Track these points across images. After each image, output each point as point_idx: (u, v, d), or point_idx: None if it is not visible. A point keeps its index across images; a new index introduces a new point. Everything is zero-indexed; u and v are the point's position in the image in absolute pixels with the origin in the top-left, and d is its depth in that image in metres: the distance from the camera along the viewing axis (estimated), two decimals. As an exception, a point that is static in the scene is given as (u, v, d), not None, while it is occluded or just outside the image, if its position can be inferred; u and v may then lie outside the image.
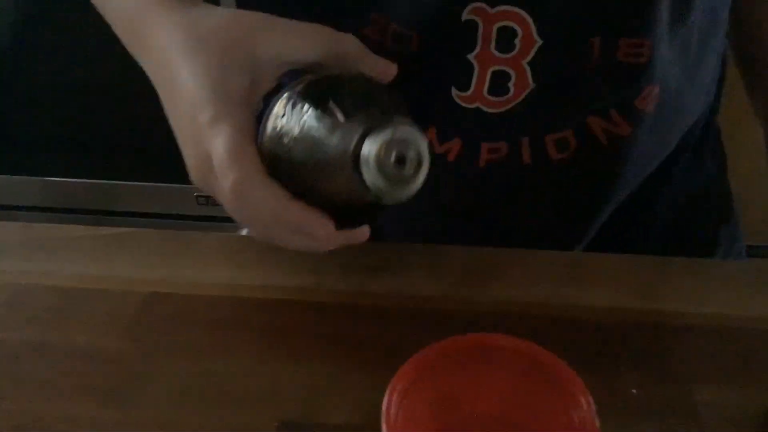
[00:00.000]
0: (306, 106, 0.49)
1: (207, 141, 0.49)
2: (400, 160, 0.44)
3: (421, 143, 0.45)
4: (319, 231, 0.50)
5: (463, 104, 0.61)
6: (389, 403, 0.45)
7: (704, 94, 0.71)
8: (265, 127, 0.51)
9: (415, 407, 0.46)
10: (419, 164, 0.45)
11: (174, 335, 0.58)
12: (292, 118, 0.49)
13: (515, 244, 0.64)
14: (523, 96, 0.61)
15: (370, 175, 0.44)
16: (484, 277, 0.61)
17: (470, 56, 0.59)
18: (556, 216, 0.70)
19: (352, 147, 0.45)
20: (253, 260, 0.63)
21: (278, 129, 0.50)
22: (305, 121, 0.48)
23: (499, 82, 0.60)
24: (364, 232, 0.52)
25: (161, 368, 0.55)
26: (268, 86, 0.53)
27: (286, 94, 0.50)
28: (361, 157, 0.44)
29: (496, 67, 0.59)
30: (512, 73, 0.59)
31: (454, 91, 0.61)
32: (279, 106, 0.50)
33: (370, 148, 0.44)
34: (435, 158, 0.62)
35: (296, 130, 0.49)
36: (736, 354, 0.56)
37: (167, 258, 0.63)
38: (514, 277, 0.61)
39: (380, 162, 0.44)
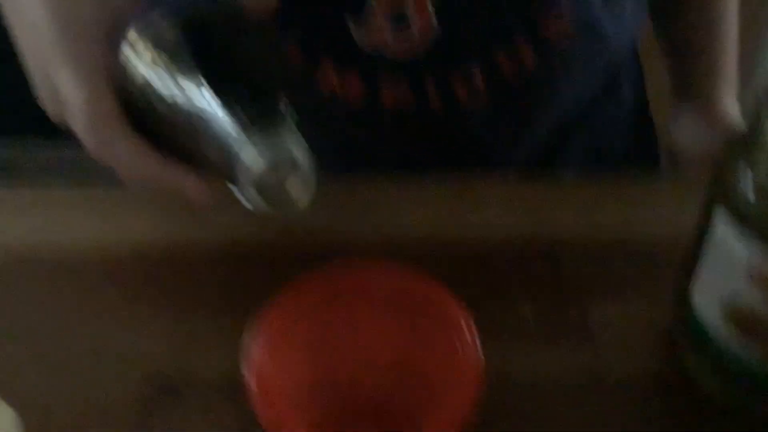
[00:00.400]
0: (169, 63, 0.43)
1: (60, 82, 0.44)
2: (283, 185, 0.40)
3: (305, 164, 0.40)
4: (189, 191, 0.45)
5: (361, 40, 0.57)
6: (253, 346, 0.41)
7: (626, 26, 0.66)
8: (125, 70, 0.45)
9: (285, 351, 0.42)
10: (304, 187, 0.41)
11: (45, 300, 0.53)
12: (155, 70, 0.43)
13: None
14: (423, 27, 0.56)
15: (246, 191, 0.40)
16: (365, 206, 0.57)
17: None
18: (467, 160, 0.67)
19: (226, 154, 0.40)
20: (120, 213, 0.57)
21: (138, 78, 0.43)
22: (169, 84, 0.42)
23: (398, 13, 0.56)
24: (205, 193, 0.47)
25: (14, 330, 0.50)
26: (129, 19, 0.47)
27: (149, 34, 0.44)
28: (238, 169, 0.40)
29: None
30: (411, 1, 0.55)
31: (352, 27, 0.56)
32: (141, 49, 0.44)
33: (248, 165, 0.39)
34: (335, 102, 0.57)
35: (159, 87, 0.43)
36: (633, 273, 0.54)
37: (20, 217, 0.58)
38: (399, 206, 0.58)
39: (260, 184, 0.39)
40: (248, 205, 0.41)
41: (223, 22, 0.45)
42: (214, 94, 0.41)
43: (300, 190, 0.41)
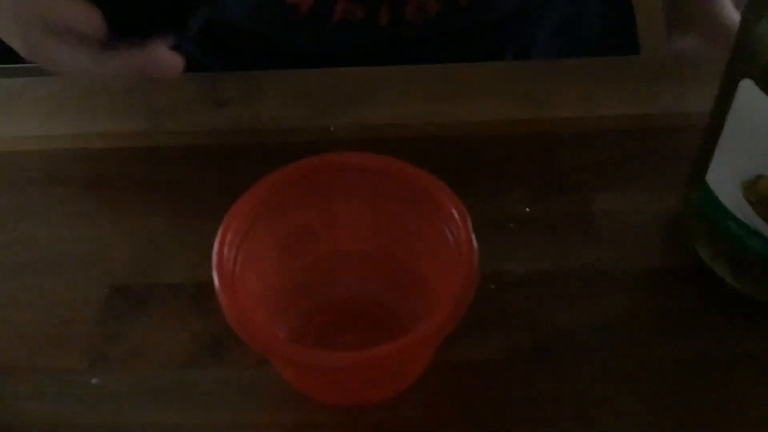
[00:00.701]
0: None
1: None
2: None
3: None
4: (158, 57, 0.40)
5: None
6: (221, 246, 0.36)
7: None
8: None
9: (257, 251, 0.38)
10: None
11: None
12: None
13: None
14: None
15: None
16: (349, 99, 0.52)
17: None
18: None
19: None
20: (66, 105, 0.52)
21: None
22: None
23: None
24: (174, 59, 0.41)
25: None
26: None
27: None
28: None
29: None
30: None
31: None
32: None
33: None
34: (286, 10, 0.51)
35: None
36: (635, 157, 0.49)
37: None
38: (385, 96, 0.52)
39: None
40: None
41: None
42: None
43: None
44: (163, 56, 0.41)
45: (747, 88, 0.36)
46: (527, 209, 0.47)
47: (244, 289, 0.36)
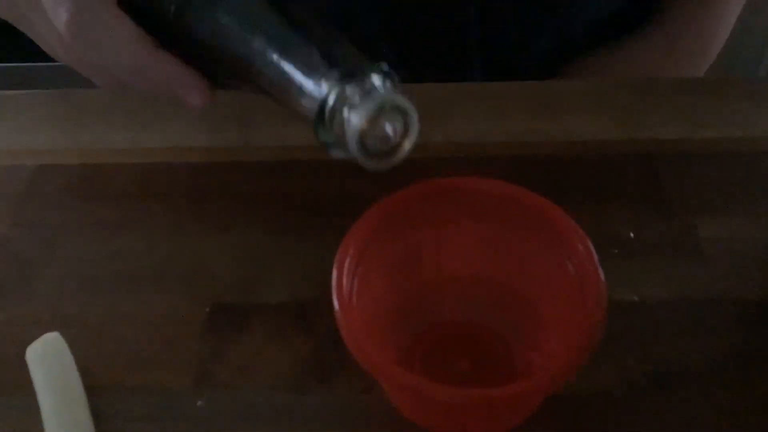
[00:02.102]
0: None
1: None
2: (384, 138, 0.33)
3: (410, 107, 0.33)
4: (192, 98, 0.39)
5: None
6: (340, 272, 0.35)
7: None
8: None
9: (370, 276, 0.37)
10: (408, 136, 0.34)
11: (70, 212, 0.47)
12: None
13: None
14: None
15: (333, 139, 0.33)
16: (439, 115, 0.51)
17: None
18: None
19: (314, 95, 0.33)
20: (157, 118, 0.51)
21: None
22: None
23: None
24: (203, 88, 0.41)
25: (56, 253, 0.45)
26: None
27: None
28: (326, 113, 0.33)
29: None
30: None
31: None
32: None
33: (348, 114, 0.32)
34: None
35: None
36: (742, 181, 0.48)
37: (56, 122, 0.51)
38: (476, 113, 0.51)
39: (359, 136, 0.32)
40: (335, 154, 0.35)
41: None
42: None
43: (404, 138, 0.34)
44: (196, 82, 0.40)
45: None
46: (631, 234, 0.45)
47: (359, 314, 0.35)
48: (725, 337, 0.41)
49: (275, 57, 0.35)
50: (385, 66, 0.33)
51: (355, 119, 0.32)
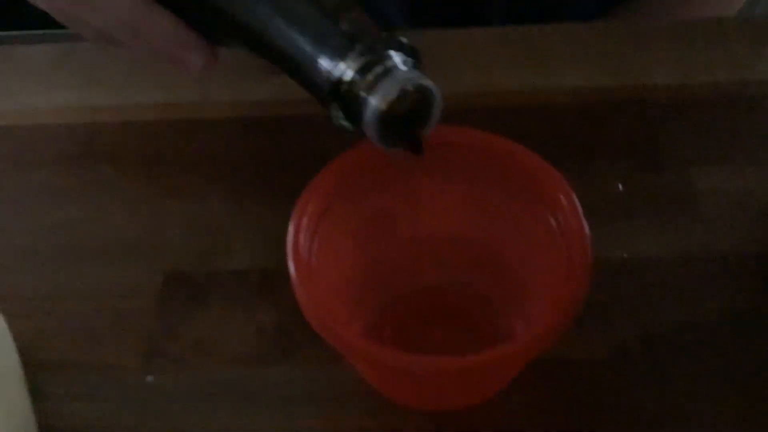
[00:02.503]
0: None
1: None
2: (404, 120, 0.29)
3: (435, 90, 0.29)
4: (193, 60, 0.35)
5: None
6: (297, 232, 0.32)
7: None
8: None
9: (334, 236, 0.34)
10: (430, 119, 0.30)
11: (8, 179, 0.43)
12: None
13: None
14: None
15: (347, 119, 0.30)
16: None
17: None
18: None
19: (328, 71, 0.29)
20: (107, 73, 0.47)
21: None
22: None
23: None
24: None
25: (-2, 224, 0.41)
26: None
27: None
28: (341, 92, 0.29)
29: None
30: None
31: None
32: None
33: (366, 96, 0.29)
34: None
35: None
36: (740, 128, 0.44)
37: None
38: (453, 62, 0.47)
39: (378, 119, 0.29)
40: (345, 129, 0.31)
41: None
42: None
43: (426, 119, 0.30)
44: (197, 42, 0.36)
45: None
46: (620, 187, 0.42)
47: (321, 280, 0.32)
48: (723, 297, 0.38)
49: (284, 26, 0.31)
50: (405, 39, 0.30)
51: (374, 102, 0.28)
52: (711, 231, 0.40)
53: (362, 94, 0.28)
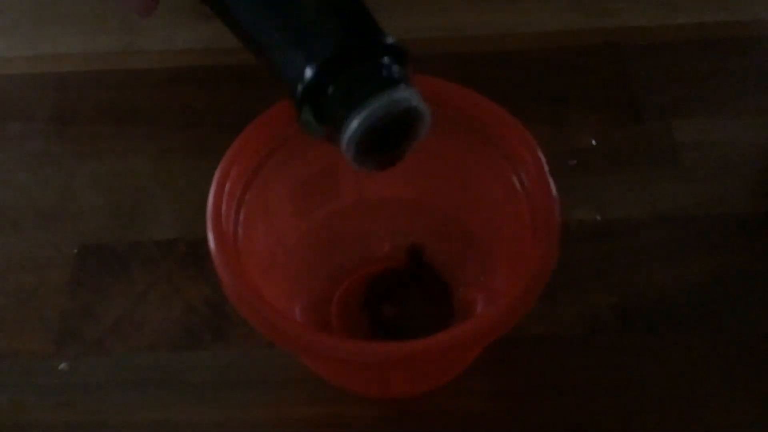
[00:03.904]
0: None
1: None
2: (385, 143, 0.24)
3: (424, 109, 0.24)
4: None
5: None
6: (217, 199, 0.27)
7: None
8: None
9: (267, 201, 0.29)
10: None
11: None
12: None
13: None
14: None
15: (320, 129, 0.24)
16: (375, 6, 0.42)
17: None
18: None
19: (303, 75, 0.24)
20: (18, 21, 0.42)
21: None
22: None
23: None
24: None
25: None
26: None
27: None
28: (317, 98, 0.24)
29: None
30: None
31: None
32: None
33: (347, 114, 0.23)
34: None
35: None
36: (723, 74, 0.40)
37: None
38: (410, 4, 0.43)
39: (356, 142, 0.23)
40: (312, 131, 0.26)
41: None
42: None
43: (409, 140, 0.25)
44: None
45: None
46: (593, 141, 0.38)
47: (250, 253, 0.28)
48: (706, 261, 0.34)
49: (251, 5, 0.25)
50: (393, 40, 0.24)
51: (355, 123, 0.23)
52: (693, 189, 0.36)
53: (342, 110, 0.23)
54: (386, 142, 0.25)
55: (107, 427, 0.30)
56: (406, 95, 0.23)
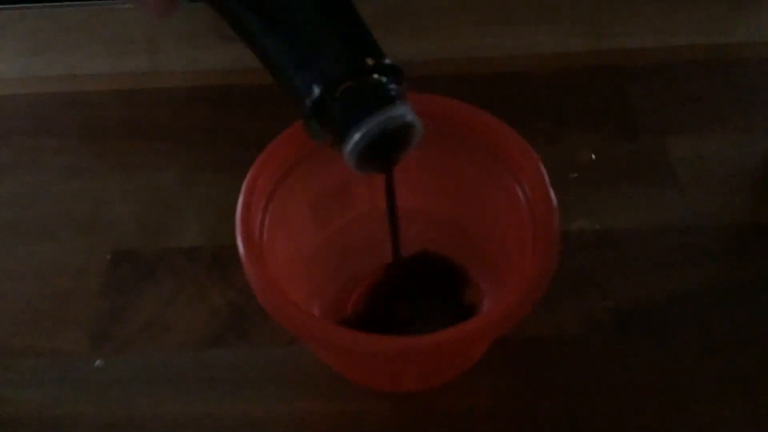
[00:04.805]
0: None
1: None
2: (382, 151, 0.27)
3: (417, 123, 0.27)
4: None
5: None
6: (247, 207, 0.30)
7: None
8: None
9: (288, 212, 0.31)
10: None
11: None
12: None
13: None
14: None
15: (323, 136, 0.27)
16: (384, 30, 0.45)
17: None
18: None
19: (308, 92, 0.27)
20: (52, 42, 0.45)
21: None
22: None
23: None
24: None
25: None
26: None
27: None
28: (320, 111, 0.27)
29: None
30: None
31: None
32: None
33: (347, 128, 0.26)
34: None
35: None
36: (717, 94, 0.43)
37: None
38: (417, 27, 0.45)
39: (357, 153, 0.26)
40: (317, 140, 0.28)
41: None
42: None
43: (403, 148, 0.28)
44: None
45: None
46: (593, 156, 0.40)
47: (274, 257, 0.30)
48: (700, 270, 0.36)
49: (265, 29, 0.28)
50: (389, 61, 0.27)
51: (356, 137, 0.26)
52: (688, 201, 0.38)
53: (344, 124, 0.26)
54: (384, 151, 0.27)
55: (138, 419, 0.32)
56: (402, 112, 0.26)
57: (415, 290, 0.35)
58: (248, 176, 0.30)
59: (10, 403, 0.33)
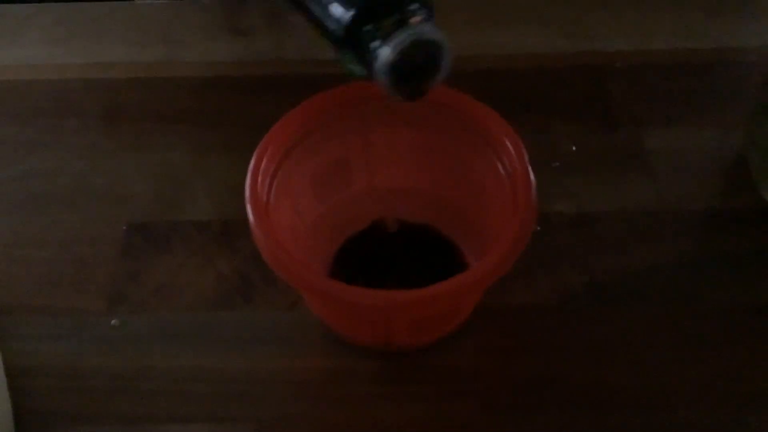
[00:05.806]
0: None
1: None
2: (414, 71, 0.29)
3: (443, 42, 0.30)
4: None
5: None
6: (255, 173, 0.33)
7: None
8: None
9: (293, 182, 0.35)
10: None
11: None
12: None
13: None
14: None
15: (359, 66, 0.30)
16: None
17: None
18: None
19: (342, 20, 0.29)
20: (75, 32, 0.48)
21: None
22: None
23: None
24: None
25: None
26: None
27: None
28: (354, 39, 0.29)
29: None
30: None
31: None
32: None
33: (379, 46, 0.29)
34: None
35: None
36: (690, 92, 0.46)
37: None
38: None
39: (389, 68, 0.29)
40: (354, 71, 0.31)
41: None
42: None
43: (435, 71, 0.31)
44: None
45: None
46: (574, 147, 0.43)
47: (278, 221, 0.33)
48: (670, 249, 0.39)
49: None
50: None
51: (386, 51, 0.28)
52: (660, 188, 0.42)
53: (375, 43, 0.28)
54: (415, 74, 0.29)
55: (152, 370, 0.35)
56: (430, 29, 0.29)
57: (407, 258, 0.38)
58: (258, 147, 0.34)
59: (30, 355, 0.36)
